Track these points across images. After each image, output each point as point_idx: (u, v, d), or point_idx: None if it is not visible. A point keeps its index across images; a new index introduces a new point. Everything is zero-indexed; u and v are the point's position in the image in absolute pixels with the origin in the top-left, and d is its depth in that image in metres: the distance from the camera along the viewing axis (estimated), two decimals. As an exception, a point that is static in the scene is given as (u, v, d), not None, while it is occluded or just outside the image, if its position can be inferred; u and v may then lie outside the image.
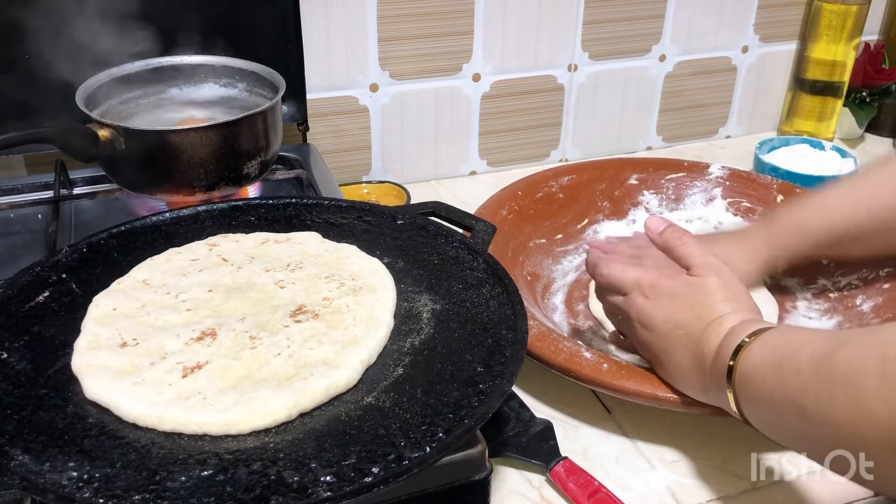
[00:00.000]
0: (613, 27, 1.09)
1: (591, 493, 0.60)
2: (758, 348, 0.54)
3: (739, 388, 0.55)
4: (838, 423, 0.45)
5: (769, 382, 0.52)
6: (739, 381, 0.55)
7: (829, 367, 0.46)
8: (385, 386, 0.52)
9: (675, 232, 0.66)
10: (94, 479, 0.44)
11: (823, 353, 0.48)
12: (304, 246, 0.66)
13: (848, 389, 0.45)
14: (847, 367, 0.45)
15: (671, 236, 0.66)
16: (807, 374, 0.48)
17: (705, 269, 0.62)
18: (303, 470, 0.45)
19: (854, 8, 1.12)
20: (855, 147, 1.22)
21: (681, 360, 0.61)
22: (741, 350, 0.55)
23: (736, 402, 0.56)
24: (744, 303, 0.61)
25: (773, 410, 0.53)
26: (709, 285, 0.62)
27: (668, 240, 0.66)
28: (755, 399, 0.54)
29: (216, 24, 0.87)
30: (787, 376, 0.50)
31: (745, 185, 0.95)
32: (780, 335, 0.54)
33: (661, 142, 1.22)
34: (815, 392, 0.47)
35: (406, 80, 1.03)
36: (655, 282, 0.64)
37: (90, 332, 0.55)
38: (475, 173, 1.13)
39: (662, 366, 0.63)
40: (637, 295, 0.65)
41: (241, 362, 0.53)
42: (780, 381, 0.51)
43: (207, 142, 0.74)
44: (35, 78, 0.81)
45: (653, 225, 0.68)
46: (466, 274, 0.63)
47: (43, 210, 0.84)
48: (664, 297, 0.63)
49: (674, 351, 0.62)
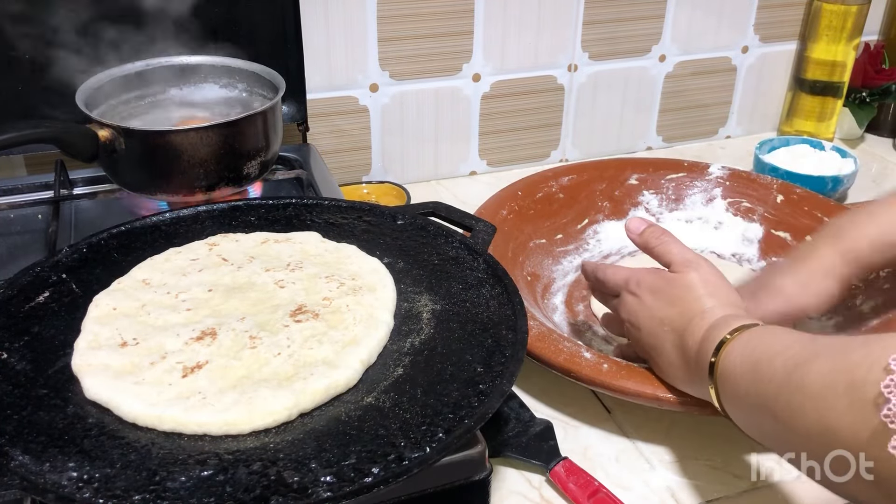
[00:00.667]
0: (613, 27, 1.09)
1: (591, 493, 0.60)
2: (737, 347, 0.54)
3: (720, 385, 0.55)
4: (808, 434, 0.45)
5: (746, 384, 0.52)
6: (720, 378, 0.55)
7: (800, 379, 0.46)
8: (385, 386, 0.52)
9: (655, 231, 0.67)
10: (93, 479, 0.44)
11: (797, 362, 0.47)
12: (304, 246, 0.66)
13: (817, 404, 0.44)
14: (818, 382, 0.45)
15: (651, 236, 0.67)
16: (780, 381, 0.48)
17: (684, 266, 0.63)
18: (303, 470, 0.45)
19: (854, 8, 1.12)
20: (855, 147, 1.22)
21: (669, 356, 0.62)
22: (722, 347, 0.55)
23: (718, 398, 0.56)
24: (725, 297, 0.61)
25: (749, 410, 0.53)
26: (688, 280, 0.62)
27: (648, 239, 0.67)
28: (734, 397, 0.54)
29: (216, 24, 0.87)
30: (761, 380, 0.50)
31: (745, 186, 0.95)
32: (759, 336, 0.54)
33: (661, 142, 1.22)
34: (786, 400, 0.47)
35: (406, 80, 1.03)
36: (641, 279, 0.65)
37: (90, 331, 0.55)
38: (475, 173, 1.13)
39: (655, 362, 0.64)
40: (626, 294, 0.66)
41: (241, 362, 0.53)
42: (755, 385, 0.51)
43: (207, 142, 0.74)
44: (35, 78, 0.81)
45: (633, 226, 0.69)
46: (466, 274, 0.63)
47: (43, 210, 0.84)
48: (648, 294, 0.64)
49: (662, 347, 0.62)
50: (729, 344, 0.55)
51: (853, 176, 1.03)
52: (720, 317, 0.58)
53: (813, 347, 0.48)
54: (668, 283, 0.63)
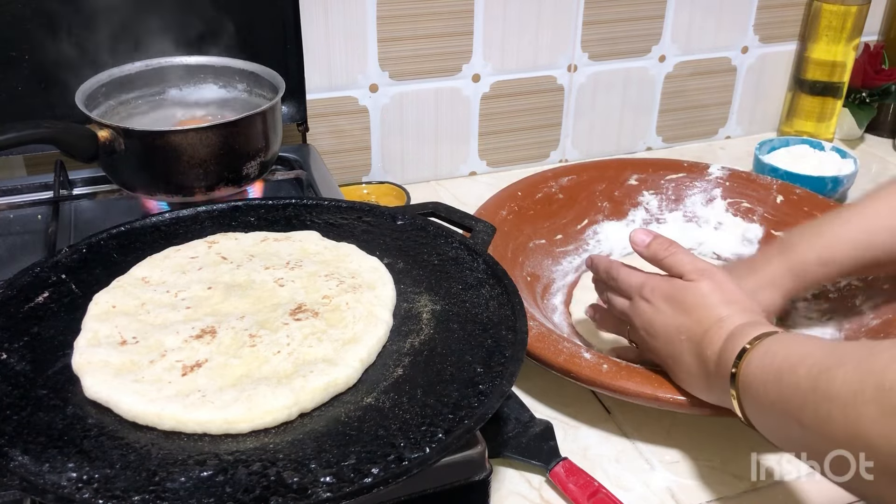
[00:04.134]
0: (613, 27, 1.10)
1: (591, 493, 0.60)
2: (758, 356, 0.54)
3: (743, 395, 0.55)
4: (837, 441, 0.45)
5: (770, 393, 0.52)
6: (742, 387, 0.55)
7: (826, 386, 0.46)
8: (385, 386, 0.52)
9: (662, 243, 0.66)
10: (93, 479, 0.44)
11: (822, 369, 0.47)
12: (303, 244, 0.66)
13: (846, 412, 0.44)
14: (845, 389, 0.45)
15: (659, 247, 0.66)
16: (805, 390, 0.48)
17: (698, 274, 0.63)
18: (302, 471, 0.45)
19: (854, 8, 1.12)
20: (855, 148, 1.22)
21: (688, 365, 0.61)
22: (743, 357, 0.55)
23: (740, 406, 0.56)
24: (741, 303, 0.61)
25: (774, 419, 0.53)
26: (704, 288, 0.62)
27: (657, 251, 0.66)
28: (757, 407, 0.54)
29: (216, 25, 0.87)
30: (786, 389, 0.50)
31: (745, 186, 0.95)
32: (781, 344, 0.54)
33: (661, 142, 1.22)
34: (813, 409, 0.47)
35: (406, 80, 1.03)
36: (656, 285, 0.64)
37: (90, 329, 0.55)
38: (475, 174, 1.13)
39: (673, 371, 0.64)
40: (639, 300, 0.65)
41: (240, 360, 0.53)
42: (780, 394, 0.50)
43: (207, 142, 0.74)
44: (35, 78, 0.81)
45: (638, 238, 0.68)
46: (466, 274, 0.63)
47: (43, 210, 0.84)
48: (663, 302, 0.63)
49: (680, 356, 0.62)
50: (750, 353, 0.55)
51: (853, 176, 1.03)
52: (738, 325, 0.58)
53: (835, 353, 0.48)
54: (683, 292, 0.62)
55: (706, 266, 0.64)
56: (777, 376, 0.51)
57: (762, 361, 0.53)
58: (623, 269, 0.68)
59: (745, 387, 0.54)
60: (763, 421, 0.54)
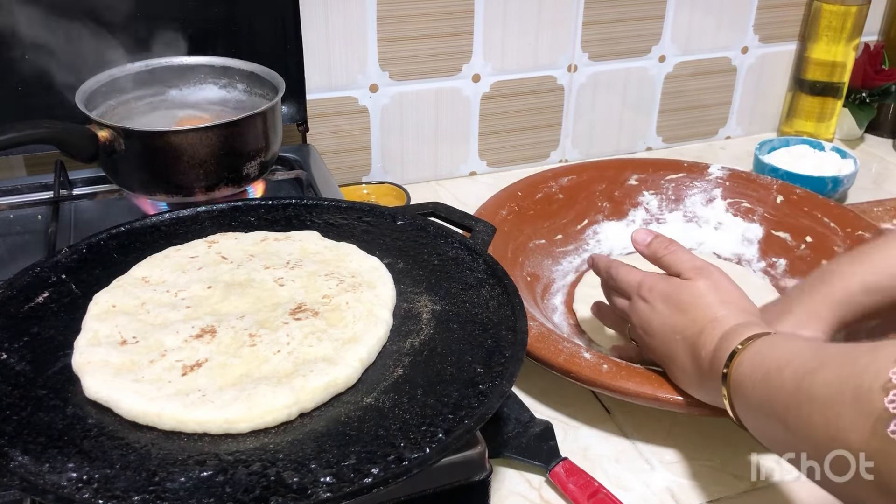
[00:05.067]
0: (613, 28, 1.10)
1: (591, 493, 0.60)
2: (749, 357, 0.54)
3: (733, 395, 0.55)
4: (816, 443, 0.45)
5: (758, 394, 0.52)
6: (733, 388, 0.55)
7: (808, 387, 0.46)
8: (385, 386, 0.52)
9: (663, 242, 0.67)
10: (93, 479, 0.44)
11: (806, 371, 0.47)
12: (303, 244, 0.66)
13: (825, 413, 0.44)
14: (826, 391, 0.45)
15: (658, 246, 0.67)
16: (789, 391, 0.48)
17: (695, 273, 0.63)
18: (302, 471, 0.45)
19: (854, 8, 1.12)
20: (855, 148, 1.22)
21: (684, 364, 0.61)
22: (734, 358, 0.55)
23: (731, 407, 0.56)
24: (737, 303, 0.61)
25: (762, 420, 0.53)
26: (700, 287, 0.62)
27: (656, 250, 0.67)
28: (747, 407, 0.54)
29: (216, 25, 0.87)
30: (772, 391, 0.50)
31: (745, 186, 0.95)
32: (770, 345, 0.54)
33: (661, 142, 1.22)
34: (795, 410, 0.47)
35: (406, 80, 1.03)
36: (653, 284, 0.65)
37: (90, 328, 0.55)
38: (475, 174, 1.13)
39: (669, 370, 0.64)
40: (638, 299, 0.65)
41: (240, 360, 0.53)
42: (767, 395, 0.51)
43: (207, 142, 0.74)
44: (35, 78, 0.81)
45: (639, 237, 0.69)
46: (466, 274, 0.63)
47: (43, 211, 0.84)
48: (660, 301, 0.64)
49: (675, 354, 0.62)
50: (741, 354, 0.55)
51: (853, 176, 1.03)
52: (732, 325, 0.58)
53: (820, 355, 0.48)
54: (680, 290, 0.63)
55: (704, 264, 0.64)
56: (765, 377, 0.51)
57: (752, 362, 0.53)
58: (622, 269, 0.68)
59: (736, 387, 0.54)
60: (753, 422, 0.55)
